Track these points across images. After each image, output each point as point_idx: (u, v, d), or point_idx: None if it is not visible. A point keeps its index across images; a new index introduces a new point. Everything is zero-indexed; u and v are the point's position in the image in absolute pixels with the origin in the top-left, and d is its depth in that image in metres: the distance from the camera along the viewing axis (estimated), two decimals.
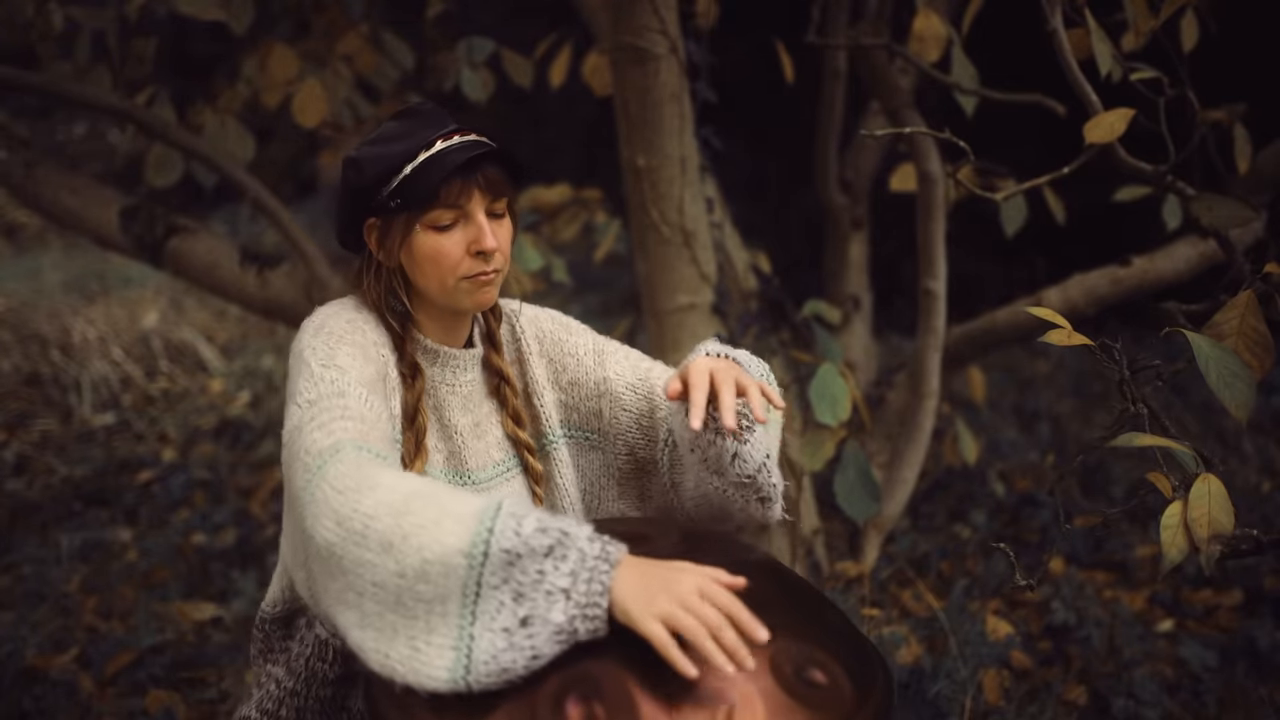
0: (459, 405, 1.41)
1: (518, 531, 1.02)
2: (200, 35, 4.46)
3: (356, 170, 1.32)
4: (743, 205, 3.38)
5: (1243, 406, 1.42)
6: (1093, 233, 4.25)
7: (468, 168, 1.29)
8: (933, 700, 2.28)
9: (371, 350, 1.31)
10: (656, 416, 1.46)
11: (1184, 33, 2.14)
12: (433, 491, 1.08)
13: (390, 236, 1.33)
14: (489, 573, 1.01)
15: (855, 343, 3.48)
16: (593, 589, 1.01)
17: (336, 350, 1.26)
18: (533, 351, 1.50)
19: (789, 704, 1.04)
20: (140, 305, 5.37)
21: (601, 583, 1.01)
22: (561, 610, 1.01)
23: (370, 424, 1.19)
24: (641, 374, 1.48)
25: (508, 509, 1.04)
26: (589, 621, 1.01)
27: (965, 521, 3.34)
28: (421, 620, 1.04)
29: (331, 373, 1.22)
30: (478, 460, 1.41)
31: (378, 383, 1.28)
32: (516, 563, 1.02)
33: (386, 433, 1.22)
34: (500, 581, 1.02)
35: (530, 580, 1.02)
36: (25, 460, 3.98)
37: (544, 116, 6.38)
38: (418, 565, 1.03)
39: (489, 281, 1.33)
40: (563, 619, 1.01)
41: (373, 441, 1.16)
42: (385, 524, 1.04)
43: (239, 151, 2.95)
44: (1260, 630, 2.56)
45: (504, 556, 1.02)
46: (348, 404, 1.19)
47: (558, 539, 1.02)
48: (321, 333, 1.29)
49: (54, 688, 2.42)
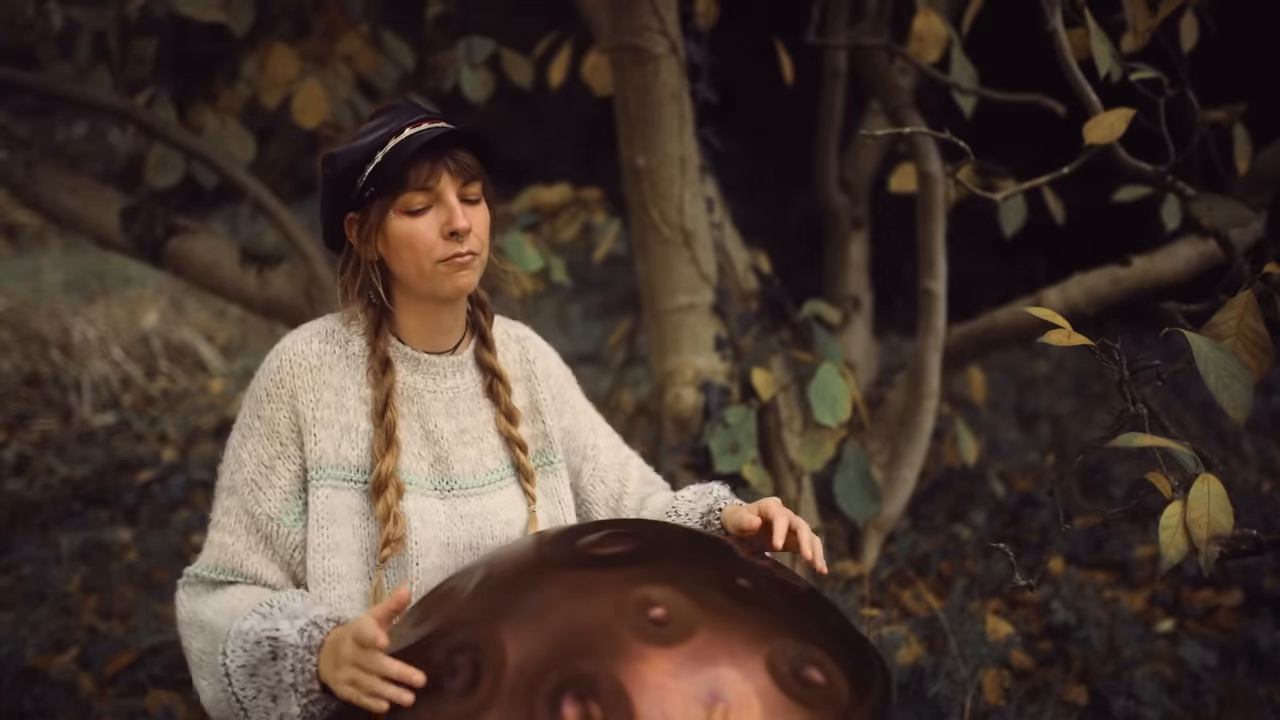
0: (442, 411, 1.42)
1: (243, 648, 1.20)
2: (200, 35, 4.45)
3: (332, 165, 1.35)
4: (743, 205, 3.37)
5: (1240, 408, 1.42)
6: (1093, 233, 4.25)
7: (435, 149, 1.31)
8: (933, 700, 2.28)
9: (282, 416, 1.35)
10: (624, 504, 1.57)
11: (1184, 33, 2.14)
12: (223, 620, 1.26)
13: (367, 226, 1.35)
14: (239, 689, 1.21)
15: (855, 343, 3.48)
16: (305, 677, 1.17)
17: (248, 434, 1.37)
18: (542, 379, 1.53)
19: (785, 703, 1.04)
20: (140, 305, 5.38)
21: (310, 670, 1.17)
22: (295, 702, 1.17)
23: (237, 533, 1.34)
24: (623, 459, 1.61)
25: (236, 629, 1.22)
26: (315, 704, 1.17)
27: (965, 521, 3.34)
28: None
29: (234, 463, 1.37)
30: (465, 467, 1.42)
31: (279, 458, 1.35)
32: (257, 673, 1.19)
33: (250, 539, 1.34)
34: (255, 691, 1.20)
35: (274, 683, 1.18)
36: (25, 460, 3.99)
37: (544, 116, 6.37)
38: (211, 698, 1.26)
39: (466, 264, 1.34)
40: (298, 710, 1.17)
41: (226, 560, 1.33)
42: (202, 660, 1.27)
43: (239, 151, 2.95)
44: (1260, 630, 2.56)
45: (243, 671, 1.20)
46: (229, 504, 1.35)
47: (272, 646, 1.18)
48: (251, 396, 1.39)
49: (54, 688, 2.42)
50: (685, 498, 1.51)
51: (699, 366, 2.63)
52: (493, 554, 1.29)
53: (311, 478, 1.34)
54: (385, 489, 1.33)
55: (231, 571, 1.33)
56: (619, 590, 1.10)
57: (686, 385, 2.61)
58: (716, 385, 2.62)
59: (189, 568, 1.35)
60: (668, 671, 1.02)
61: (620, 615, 1.07)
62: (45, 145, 6.38)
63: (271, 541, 1.33)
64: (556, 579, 1.14)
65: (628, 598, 1.09)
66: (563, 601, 1.10)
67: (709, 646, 1.05)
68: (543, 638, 1.07)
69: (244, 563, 1.33)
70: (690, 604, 1.09)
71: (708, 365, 2.64)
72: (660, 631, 1.06)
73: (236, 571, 1.33)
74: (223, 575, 1.33)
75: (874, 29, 2.80)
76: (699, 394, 2.60)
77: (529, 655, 1.05)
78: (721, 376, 2.65)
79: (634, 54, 2.43)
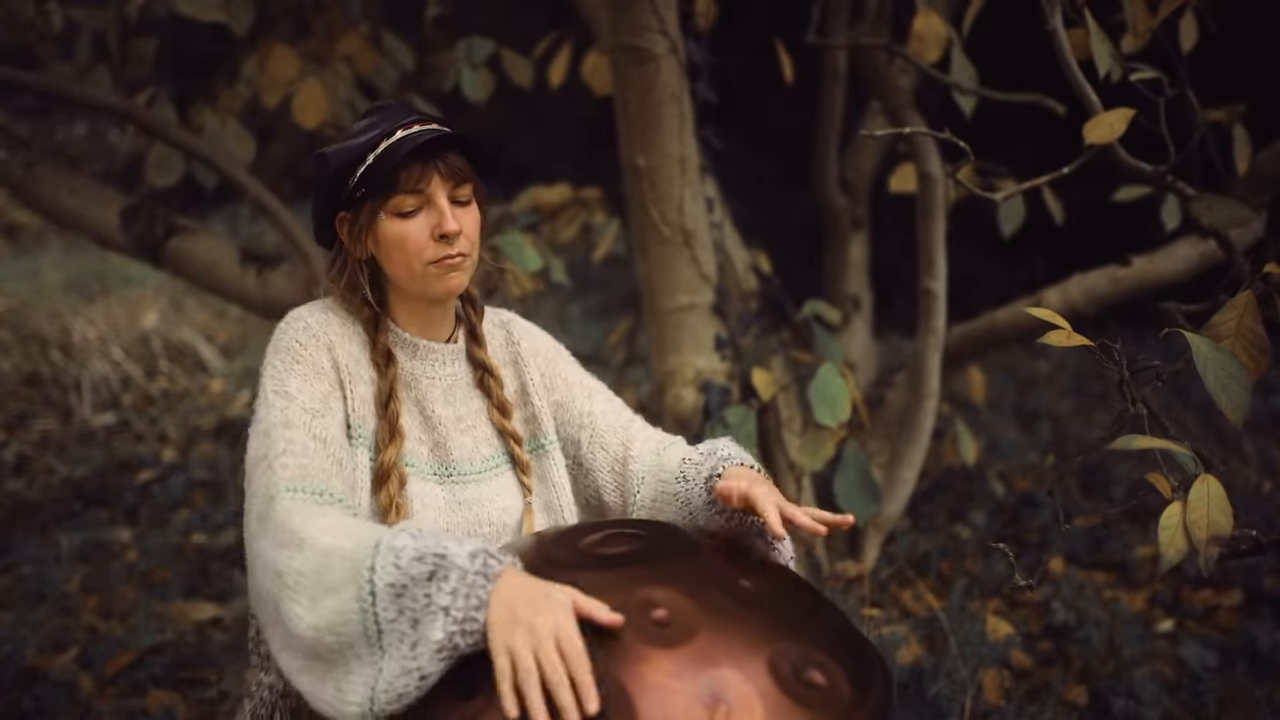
0: (440, 398, 1.43)
1: (397, 564, 1.06)
2: (200, 35, 4.46)
3: (323, 165, 1.35)
4: (743, 205, 3.37)
5: (1238, 409, 1.42)
6: (1093, 233, 4.25)
7: (426, 152, 1.32)
8: (933, 700, 2.28)
9: (324, 360, 1.32)
10: (630, 468, 1.51)
11: (1183, 33, 2.14)
12: (343, 539, 1.11)
13: (358, 227, 1.36)
14: (381, 610, 1.06)
15: (855, 343, 3.48)
16: (470, 604, 1.04)
17: (288, 376, 1.30)
18: (528, 358, 1.53)
19: (787, 704, 1.04)
20: (140, 305, 5.38)
21: (479, 598, 1.04)
22: (441, 627, 1.04)
23: (311, 455, 1.24)
24: (624, 422, 1.55)
25: (386, 544, 1.07)
26: (468, 636, 1.04)
27: (965, 521, 3.34)
28: (340, 666, 1.09)
29: (281, 400, 1.28)
30: (463, 453, 1.43)
31: (330, 395, 1.31)
32: (404, 593, 1.05)
33: (326, 461, 1.25)
34: (396, 614, 1.06)
35: (421, 606, 1.05)
36: (25, 460, 3.98)
37: (544, 116, 6.37)
38: (329, 619, 1.09)
39: (456, 266, 1.35)
40: (441, 635, 1.04)
41: (311, 476, 1.22)
42: (310, 581, 1.11)
43: (239, 151, 2.95)
44: (1260, 630, 2.56)
45: (390, 591, 1.05)
46: (292, 436, 1.25)
47: (436, 563, 1.06)
48: (279, 352, 1.33)
49: (54, 688, 2.42)
50: (692, 460, 1.45)
51: (699, 366, 2.63)
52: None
53: (352, 434, 1.31)
54: (388, 479, 1.33)
55: (323, 493, 1.20)
56: (621, 591, 1.10)
57: (686, 385, 2.61)
58: (716, 385, 2.62)
59: (282, 480, 1.20)
60: (669, 672, 1.02)
61: (622, 616, 1.07)
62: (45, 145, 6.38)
63: (344, 471, 1.26)
64: (558, 579, 1.14)
65: (630, 598, 1.09)
66: None
67: (711, 648, 1.05)
68: None
69: (330, 484, 1.22)
70: (692, 605, 1.10)
71: (708, 365, 2.64)
72: (662, 632, 1.06)
73: (327, 493, 1.21)
74: (320, 491, 1.20)
75: (874, 29, 2.80)
76: (699, 394, 2.60)
77: None
78: (721, 376, 2.65)
79: (634, 54, 2.43)
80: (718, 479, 1.38)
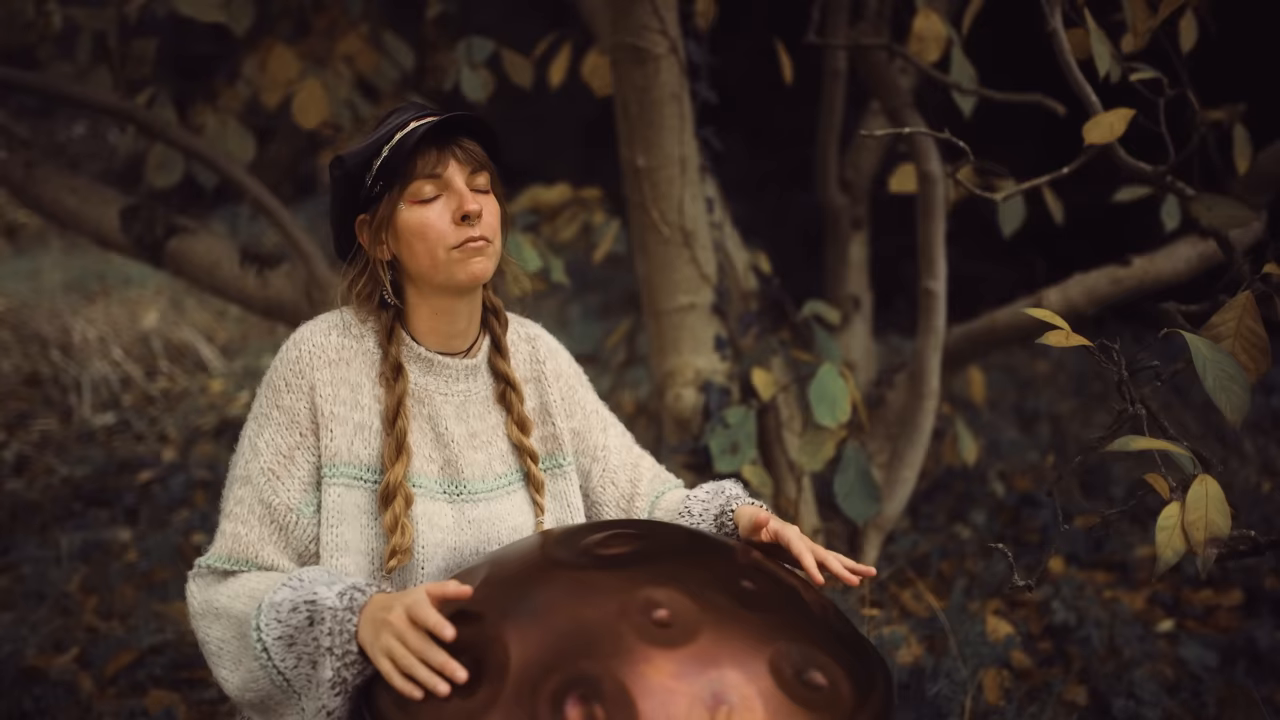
0: (453, 414, 1.41)
1: (278, 619, 1.17)
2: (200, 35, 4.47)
3: (340, 165, 1.36)
4: (743, 205, 3.38)
5: (1237, 410, 1.42)
6: (1093, 233, 4.25)
7: (442, 137, 1.33)
8: (933, 700, 2.28)
9: (301, 406, 1.34)
10: (635, 505, 1.56)
11: (1183, 33, 2.14)
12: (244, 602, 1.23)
13: (378, 223, 1.36)
14: (279, 661, 1.18)
15: (855, 343, 3.48)
16: (343, 639, 1.14)
17: (265, 424, 1.35)
18: (552, 380, 1.52)
19: (789, 706, 1.04)
20: (140, 305, 5.38)
21: (348, 631, 1.14)
22: (329, 665, 1.14)
23: (252, 523, 1.31)
24: (634, 459, 1.59)
25: (268, 601, 1.19)
26: (350, 668, 1.14)
27: (965, 521, 3.34)
28: (275, 713, 1.24)
29: (250, 452, 1.35)
30: (475, 471, 1.41)
31: (298, 448, 1.34)
32: (295, 642, 1.17)
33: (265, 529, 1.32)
34: (295, 661, 1.17)
35: (313, 649, 1.16)
36: (25, 460, 3.98)
37: (544, 116, 6.37)
38: (244, 679, 1.23)
39: (479, 250, 1.34)
40: (330, 673, 1.14)
41: (241, 550, 1.31)
42: (230, 648, 1.24)
43: (239, 152, 2.95)
44: (1260, 630, 2.56)
45: (280, 643, 1.17)
46: (243, 495, 1.33)
47: (310, 610, 1.16)
48: (269, 386, 1.37)
49: (54, 688, 2.42)
50: (698, 497, 1.50)
51: (699, 366, 2.63)
52: (496, 553, 1.29)
53: (325, 474, 1.33)
54: (394, 498, 1.32)
55: (245, 562, 1.30)
56: (623, 591, 1.10)
57: (686, 385, 2.61)
58: (716, 385, 2.62)
59: (200, 559, 1.32)
60: (671, 673, 1.02)
61: (624, 616, 1.07)
62: (45, 145, 6.39)
63: (287, 533, 1.31)
64: (560, 579, 1.14)
65: (632, 599, 1.09)
66: (566, 602, 1.10)
67: (712, 648, 1.05)
68: (546, 638, 1.07)
69: (258, 553, 1.30)
70: (694, 606, 1.10)
71: (708, 365, 2.64)
72: (664, 633, 1.06)
73: (250, 562, 1.30)
74: (236, 566, 1.30)
75: (874, 29, 2.80)
76: (699, 394, 2.60)
77: (532, 655, 1.05)
78: (721, 376, 2.65)
79: (634, 54, 2.43)
80: (732, 513, 1.43)
